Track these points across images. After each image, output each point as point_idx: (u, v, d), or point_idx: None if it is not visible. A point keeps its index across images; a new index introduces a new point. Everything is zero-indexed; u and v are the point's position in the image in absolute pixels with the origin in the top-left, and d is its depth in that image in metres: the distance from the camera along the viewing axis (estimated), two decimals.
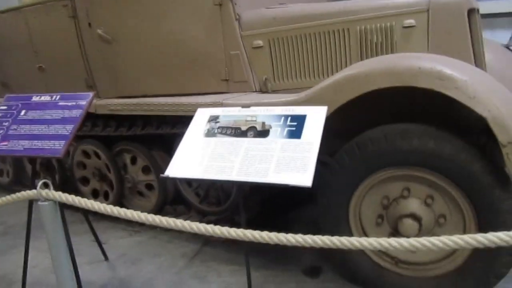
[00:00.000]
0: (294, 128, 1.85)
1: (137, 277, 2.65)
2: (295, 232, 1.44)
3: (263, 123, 1.94)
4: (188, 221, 1.53)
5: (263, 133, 1.90)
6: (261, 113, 1.98)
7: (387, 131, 1.92)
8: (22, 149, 2.36)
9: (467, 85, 1.68)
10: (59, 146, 2.27)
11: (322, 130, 1.78)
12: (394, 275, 2.16)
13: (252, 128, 1.94)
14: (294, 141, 1.80)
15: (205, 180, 1.86)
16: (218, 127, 2.03)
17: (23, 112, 2.57)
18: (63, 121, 2.41)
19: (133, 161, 3.27)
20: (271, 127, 1.91)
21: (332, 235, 1.42)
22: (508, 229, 1.23)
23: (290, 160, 1.72)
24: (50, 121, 2.44)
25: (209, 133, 2.01)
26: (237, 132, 1.96)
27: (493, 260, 1.85)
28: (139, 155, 3.16)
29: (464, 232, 1.94)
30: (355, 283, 2.28)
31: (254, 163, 1.77)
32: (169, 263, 2.78)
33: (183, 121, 2.56)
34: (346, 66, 2.33)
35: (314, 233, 1.44)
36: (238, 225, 1.61)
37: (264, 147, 1.82)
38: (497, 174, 1.77)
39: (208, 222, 1.59)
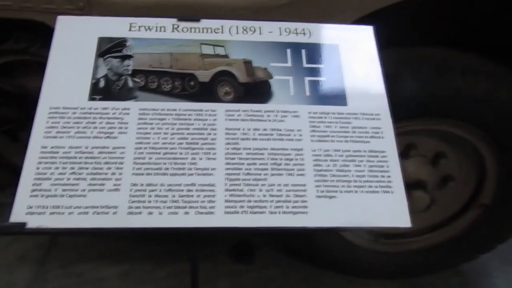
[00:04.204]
0: (322, 78, 0.86)
1: None
2: None
3: (247, 62, 0.86)
4: None
5: (254, 89, 0.84)
6: (232, 38, 0.87)
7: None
8: None
9: None
10: None
11: (383, 83, 0.85)
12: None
13: (222, 75, 0.84)
14: (334, 110, 0.83)
15: (143, 230, 0.70)
16: (129, 71, 0.84)
17: None
18: None
19: None
20: (268, 75, 0.86)
21: None
22: None
23: (351, 161, 0.78)
24: None
25: (115, 90, 0.81)
26: (187, 85, 0.83)
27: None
28: None
29: (476, 196, 1.44)
30: (317, 267, 1.65)
31: (265, 171, 0.76)
32: None
33: None
34: None
35: None
36: None
37: (273, 129, 0.80)
38: None
39: None
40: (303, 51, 0.89)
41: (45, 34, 1.34)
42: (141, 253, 1.77)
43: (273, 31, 0.91)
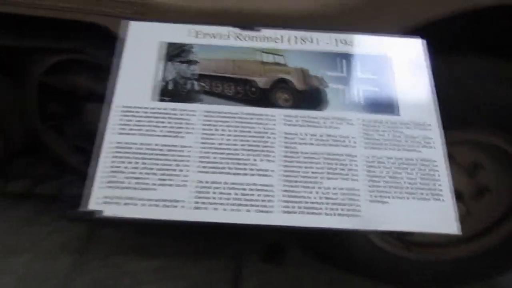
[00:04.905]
0: (375, 88, 0.90)
1: None
2: None
3: (304, 71, 0.91)
4: None
5: (310, 96, 0.89)
6: (291, 47, 0.92)
7: None
8: None
9: None
10: None
11: (434, 94, 0.89)
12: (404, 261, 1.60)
13: (281, 82, 0.89)
14: (387, 119, 0.87)
15: (208, 223, 0.75)
16: (195, 75, 0.90)
17: None
18: None
19: None
20: (324, 83, 0.91)
21: None
22: None
23: (402, 169, 0.81)
24: None
25: (180, 93, 0.87)
26: (248, 91, 0.89)
27: None
28: None
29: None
30: (348, 271, 1.68)
31: (320, 175, 0.81)
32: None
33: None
34: None
35: None
36: None
37: (328, 135, 0.84)
38: None
39: None
40: (357, 61, 0.93)
41: (98, 35, 1.43)
42: (177, 248, 1.83)
43: (328, 41, 0.95)
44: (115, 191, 0.75)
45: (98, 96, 1.66)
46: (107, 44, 1.43)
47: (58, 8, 1.31)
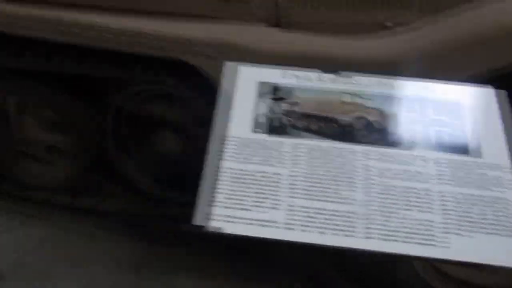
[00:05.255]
0: (448, 129, 0.99)
1: None
2: None
3: (381, 111, 1.01)
4: None
5: (387, 134, 0.99)
6: (373, 90, 1.04)
7: None
8: None
9: None
10: None
11: (505, 138, 0.97)
12: None
13: (362, 120, 1.00)
14: (462, 159, 0.95)
15: (297, 243, 0.86)
16: (284, 111, 1.02)
17: None
18: None
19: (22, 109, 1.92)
20: (400, 123, 1.00)
21: None
22: None
23: (474, 205, 0.89)
24: None
25: (273, 126, 0.99)
26: (330, 127, 1.00)
27: None
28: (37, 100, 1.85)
29: None
30: None
31: (397, 205, 0.89)
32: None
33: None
34: None
35: None
36: None
37: (405, 170, 0.93)
38: None
39: None
40: (432, 105, 1.04)
41: (183, 71, 1.58)
42: (232, 270, 1.92)
43: (405, 86, 1.06)
44: (231, 211, 0.88)
45: (170, 124, 1.83)
46: (189, 79, 1.60)
47: (155, 46, 1.48)
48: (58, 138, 2.04)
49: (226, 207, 0.88)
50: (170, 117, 1.85)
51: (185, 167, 1.91)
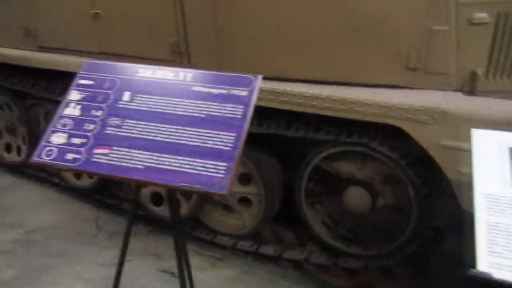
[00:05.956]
0: None
1: None
2: None
3: None
4: None
5: None
6: None
7: None
8: (141, 167, 1.32)
9: None
10: (215, 171, 1.25)
11: None
12: None
13: None
14: None
15: None
16: None
17: (126, 95, 1.46)
18: (209, 122, 1.36)
19: None
20: None
21: None
22: None
23: None
24: (180, 118, 1.38)
25: None
26: None
27: None
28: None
29: None
30: None
31: None
32: None
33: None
34: None
35: None
36: None
37: None
38: None
39: None
40: None
41: (387, 133, 1.81)
42: None
43: None
44: (496, 259, 1.02)
45: (357, 182, 2.03)
46: (387, 142, 1.82)
47: (370, 113, 1.75)
48: (252, 190, 2.34)
49: (492, 255, 1.03)
50: (358, 175, 2.06)
51: (372, 224, 2.09)
